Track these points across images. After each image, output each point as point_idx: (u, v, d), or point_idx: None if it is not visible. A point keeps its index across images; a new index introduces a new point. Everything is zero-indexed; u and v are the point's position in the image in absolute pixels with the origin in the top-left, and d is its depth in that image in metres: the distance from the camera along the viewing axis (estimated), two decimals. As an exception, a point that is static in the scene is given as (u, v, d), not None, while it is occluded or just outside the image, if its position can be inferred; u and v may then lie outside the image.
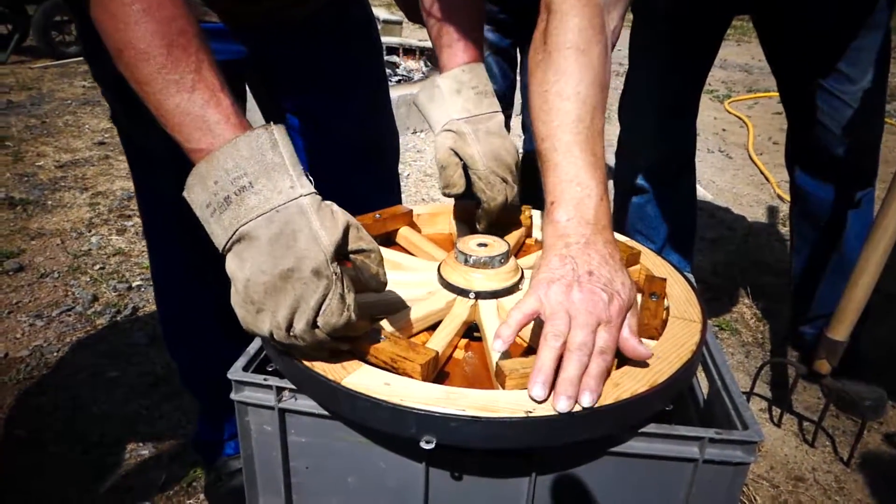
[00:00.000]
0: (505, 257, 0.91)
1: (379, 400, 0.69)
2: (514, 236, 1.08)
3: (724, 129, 4.21)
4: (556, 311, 0.70)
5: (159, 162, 0.95)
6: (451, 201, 1.15)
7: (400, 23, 7.00)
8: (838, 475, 1.43)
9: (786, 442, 1.52)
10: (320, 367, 0.73)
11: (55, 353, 1.78)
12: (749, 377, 1.67)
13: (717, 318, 2.03)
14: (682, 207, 1.76)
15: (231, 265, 0.67)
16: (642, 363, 0.75)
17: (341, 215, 0.69)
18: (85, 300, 2.02)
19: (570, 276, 0.71)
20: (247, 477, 0.92)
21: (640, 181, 1.72)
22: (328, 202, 0.69)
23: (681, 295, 0.92)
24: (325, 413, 0.81)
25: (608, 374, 0.70)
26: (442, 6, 1.01)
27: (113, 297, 2.05)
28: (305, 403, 0.83)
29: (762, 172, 3.41)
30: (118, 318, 1.94)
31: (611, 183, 2.76)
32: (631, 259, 1.00)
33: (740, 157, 3.73)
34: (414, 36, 6.02)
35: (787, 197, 3.06)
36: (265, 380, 0.83)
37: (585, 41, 0.79)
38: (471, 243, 0.92)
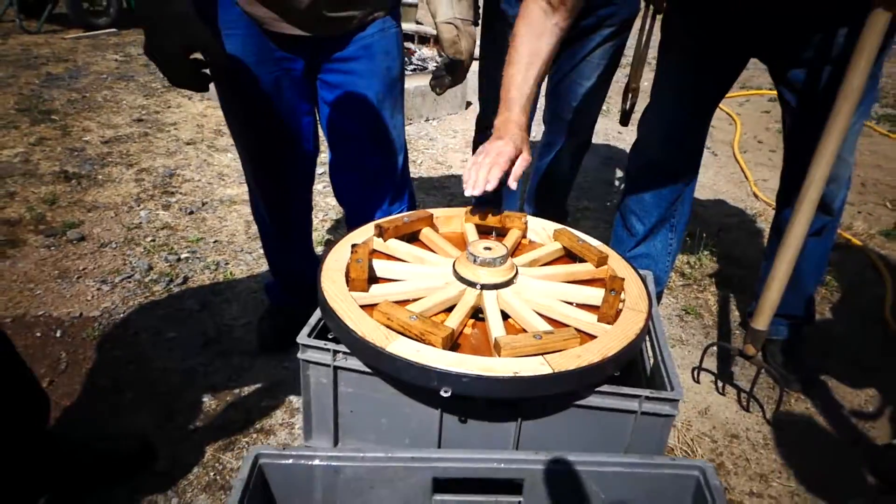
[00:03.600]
0: (504, 258, 1.18)
1: (413, 361, 0.97)
2: (511, 239, 1.35)
3: (713, 126, 4.44)
4: (479, 152, 1.30)
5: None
6: (463, 209, 1.43)
7: (415, 5, 7.15)
8: (766, 434, 1.72)
9: (728, 407, 1.80)
10: (369, 337, 1.01)
11: (121, 315, 2.06)
12: (708, 356, 1.96)
13: (685, 303, 2.31)
14: (679, 199, 2.00)
15: None
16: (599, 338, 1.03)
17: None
18: (141, 269, 2.30)
19: (490, 142, 1.32)
20: (304, 418, 1.20)
21: (646, 171, 1.95)
22: None
23: (635, 291, 1.20)
24: (368, 370, 1.09)
25: (498, 178, 1.26)
26: None
27: (165, 267, 2.33)
28: (354, 363, 1.10)
29: (743, 170, 3.67)
30: (171, 286, 2.22)
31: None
32: (600, 260, 1.27)
33: (725, 155, 3.97)
34: (429, 21, 6.20)
35: (762, 195, 3.33)
36: (325, 344, 1.11)
37: (528, 47, 1.37)
38: (479, 247, 1.19)
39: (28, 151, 3.17)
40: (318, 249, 2.42)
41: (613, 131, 4.21)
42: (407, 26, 5.31)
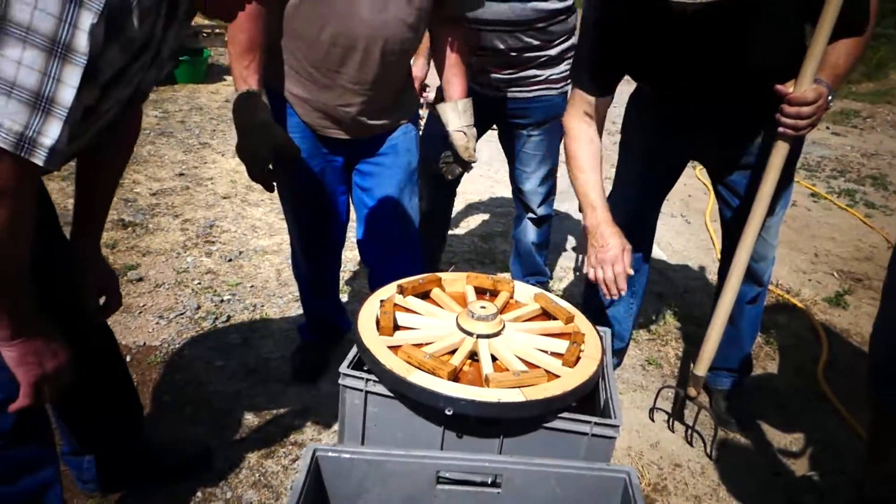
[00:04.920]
0: (495, 315, 1.53)
1: (426, 388, 1.31)
2: (501, 300, 1.71)
3: (689, 196, 4.84)
4: (595, 265, 1.76)
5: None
6: (465, 274, 1.79)
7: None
8: (704, 464, 2.05)
9: (675, 442, 2.13)
10: (395, 370, 1.36)
11: (177, 345, 2.41)
12: (662, 399, 2.30)
13: (648, 355, 2.66)
14: (638, 272, 2.33)
15: None
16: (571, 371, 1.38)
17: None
18: (191, 307, 2.65)
19: (595, 248, 1.77)
20: (340, 429, 1.54)
21: None
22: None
23: (593, 343, 1.55)
24: (391, 395, 1.43)
25: (625, 279, 1.76)
26: (447, 64, 1.95)
27: (211, 306, 2.68)
28: (380, 389, 1.44)
29: (711, 238, 4.05)
30: (217, 323, 2.56)
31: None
32: (568, 319, 1.62)
33: (698, 223, 4.34)
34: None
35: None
36: (359, 374, 1.45)
37: (588, 154, 1.85)
38: (476, 306, 1.55)
39: (88, 200, 3.55)
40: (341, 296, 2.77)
41: (600, 198, 4.61)
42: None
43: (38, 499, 1.32)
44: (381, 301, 1.57)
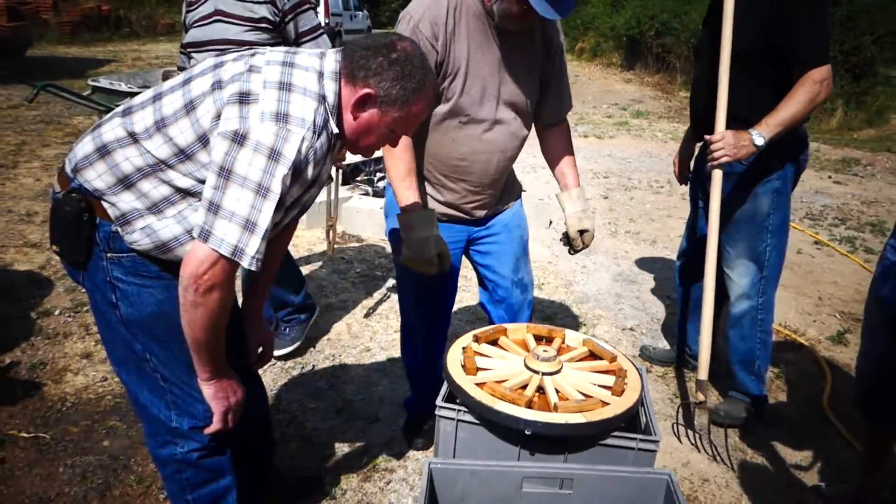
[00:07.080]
0: (554, 357, 1.88)
1: (510, 414, 1.65)
2: (556, 344, 2.06)
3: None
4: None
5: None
6: (525, 324, 2.14)
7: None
8: (728, 479, 2.34)
9: (702, 461, 2.42)
10: (484, 401, 1.71)
11: (274, 391, 2.76)
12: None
13: (674, 390, 2.97)
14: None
15: None
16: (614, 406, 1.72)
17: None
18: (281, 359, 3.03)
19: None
20: (435, 451, 1.88)
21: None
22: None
23: (634, 377, 1.89)
24: (477, 422, 1.77)
25: None
26: (558, 158, 2.23)
27: (298, 357, 3.05)
28: (468, 417, 1.78)
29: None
30: (304, 371, 2.92)
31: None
32: (612, 359, 1.97)
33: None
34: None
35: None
36: (452, 406, 1.80)
37: None
38: (539, 350, 1.90)
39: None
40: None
41: (622, 251, 4.97)
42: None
43: (219, 502, 1.68)
44: (463, 348, 1.92)
